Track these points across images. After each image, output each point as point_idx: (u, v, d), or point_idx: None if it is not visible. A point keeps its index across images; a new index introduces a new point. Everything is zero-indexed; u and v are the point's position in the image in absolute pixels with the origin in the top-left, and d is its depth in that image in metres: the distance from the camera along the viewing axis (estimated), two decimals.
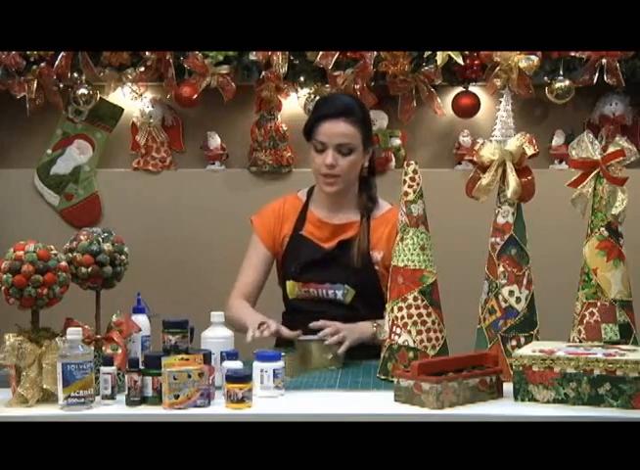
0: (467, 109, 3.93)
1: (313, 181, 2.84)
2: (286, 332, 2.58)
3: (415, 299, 2.31)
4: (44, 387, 2.09)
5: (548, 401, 2.05)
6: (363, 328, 2.62)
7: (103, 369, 2.11)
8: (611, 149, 2.34)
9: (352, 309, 2.71)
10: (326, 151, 2.69)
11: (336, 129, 2.68)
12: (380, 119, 3.97)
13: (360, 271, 2.71)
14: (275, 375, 2.17)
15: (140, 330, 2.31)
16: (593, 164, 2.34)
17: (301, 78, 3.85)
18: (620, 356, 2.02)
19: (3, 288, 2.10)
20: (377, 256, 2.73)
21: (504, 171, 2.35)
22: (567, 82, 3.81)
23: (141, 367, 2.12)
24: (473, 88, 3.93)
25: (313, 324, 2.56)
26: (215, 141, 4.02)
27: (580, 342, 2.29)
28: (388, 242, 2.69)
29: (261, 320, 2.57)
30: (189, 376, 2.04)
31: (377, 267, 2.73)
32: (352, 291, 2.71)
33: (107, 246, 2.23)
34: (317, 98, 3.46)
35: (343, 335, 2.52)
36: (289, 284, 2.77)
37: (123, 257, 2.27)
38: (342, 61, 3.79)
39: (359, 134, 2.71)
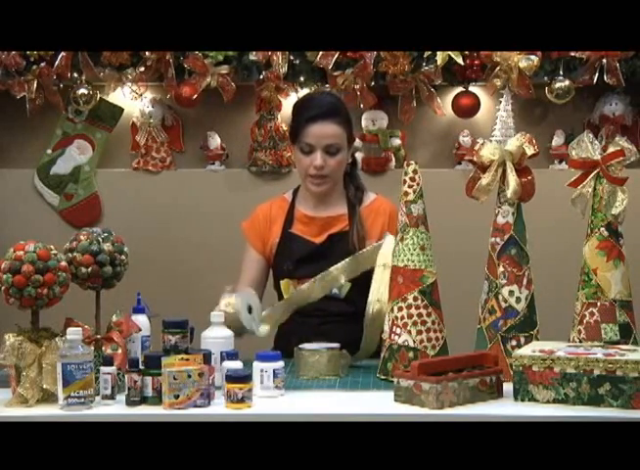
0: (467, 109, 3.93)
1: None
2: None
3: (415, 299, 2.31)
4: (44, 387, 2.09)
5: (548, 401, 2.05)
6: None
7: (103, 369, 2.11)
8: (611, 149, 2.34)
9: (349, 303, 2.72)
10: (314, 152, 2.70)
11: (324, 131, 2.70)
12: (380, 119, 3.98)
13: None
14: (275, 375, 2.17)
15: (140, 330, 2.31)
16: (593, 164, 2.34)
17: (301, 78, 3.85)
18: (620, 356, 2.02)
19: (3, 288, 2.10)
20: (369, 245, 2.74)
21: (504, 171, 2.35)
22: (567, 82, 3.82)
23: (141, 367, 2.12)
24: (473, 88, 3.93)
25: None
26: (215, 141, 4.03)
27: (580, 342, 2.29)
28: (377, 230, 2.75)
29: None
30: (189, 376, 2.04)
31: None
32: (347, 284, 2.71)
33: (107, 246, 2.23)
34: (296, 100, 3.12)
35: None
36: (283, 283, 2.78)
37: (123, 257, 2.27)
38: (342, 61, 3.79)
39: (345, 133, 2.74)
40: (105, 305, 2.28)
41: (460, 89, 3.93)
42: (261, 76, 3.83)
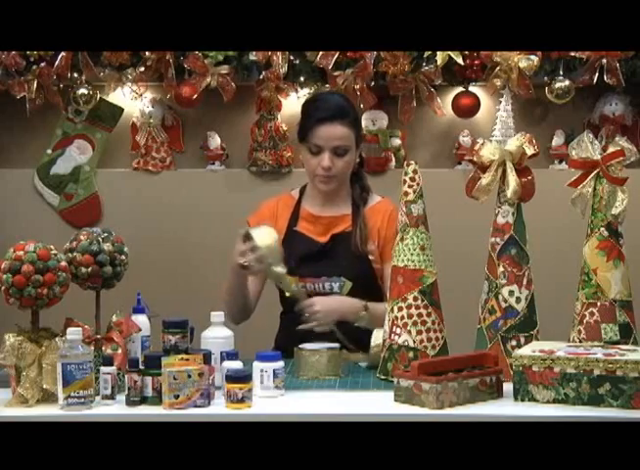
0: (467, 109, 3.93)
1: None
2: None
3: (415, 299, 2.31)
4: (44, 387, 2.09)
5: (548, 401, 2.05)
6: (349, 307, 2.66)
7: (103, 369, 2.11)
8: (611, 149, 2.33)
9: None
10: (322, 153, 2.71)
11: (333, 133, 2.70)
12: (380, 119, 3.97)
13: (355, 263, 2.72)
14: (275, 375, 2.17)
15: (140, 330, 2.31)
16: (593, 164, 2.34)
17: (301, 78, 3.85)
18: (620, 356, 2.02)
19: (3, 288, 2.10)
20: (371, 246, 2.75)
21: (504, 171, 2.35)
22: (567, 82, 3.82)
23: (141, 367, 2.12)
24: (473, 88, 3.93)
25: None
26: (215, 141, 4.03)
27: (580, 342, 2.29)
28: (380, 231, 2.76)
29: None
30: (189, 376, 2.04)
31: (371, 257, 2.75)
32: (349, 283, 2.72)
33: (107, 246, 2.23)
34: (305, 100, 3.10)
35: (316, 314, 2.59)
36: None
37: (123, 257, 2.27)
38: (342, 61, 3.79)
39: (353, 135, 2.74)
40: (105, 306, 2.28)
41: (460, 89, 3.93)
42: (261, 76, 3.83)
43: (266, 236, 2.57)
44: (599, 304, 2.30)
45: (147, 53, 3.79)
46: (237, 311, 2.80)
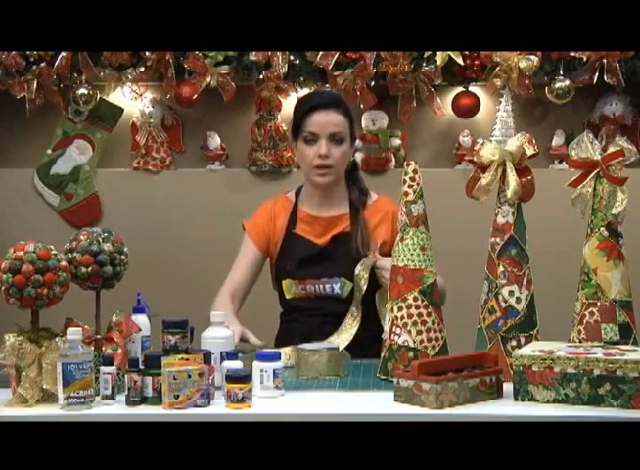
0: (467, 109, 3.93)
1: None
2: (252, 338, 2.56)
3: (415, 299, 2.31)
4: (44, 387, 2.09)
5: (548, 401, 2.05)
6: None
7: (103, 369, 2.11)
8: (611, 149, 2.34)
9: (350, 303, 2.72)
10: (318, 141, 2.71)
11: (328, 119, 2.72)
12: (380, 119, 3.98)
13: (356, 263, 2.72)
14: (275, 375, 2.17)
15: (140, 330, 2.31)
16: (593, 164, 2.34)
17: (301, 78, 3.85)
18: (620, 356, 2.02)
19: (3, 288, 2.10)
20: (372, 244, 2.74)
21: (504, 171, 2.35)
22: (567, 82, 3.82)
23: (141, 367, 2.12)
24: (473, 88, 3.93)
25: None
26: (215, 141, 4.03)
27: (580, 342, 2.29)
28: (381, 231, 2.76)
29: None
30: (189, 376, 2.04)
31: (370, 254, 2.74)
32: (350, 284, 2.72)
33: (107, 246, 2.23)
34: (297, 99, 3.21)
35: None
36: (285, 283, 2.78)
37: (123, 257, 2.27)
38: (342, 61, 3.79)
39: (347, 124, 2.75)
40: (105, 305, 2.28)
41: (460, 89, 3.93)
42: (261, 76, 3.83)
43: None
44: (599, 304, 2.30)
45: (147, 53, 3.79)
46: None
